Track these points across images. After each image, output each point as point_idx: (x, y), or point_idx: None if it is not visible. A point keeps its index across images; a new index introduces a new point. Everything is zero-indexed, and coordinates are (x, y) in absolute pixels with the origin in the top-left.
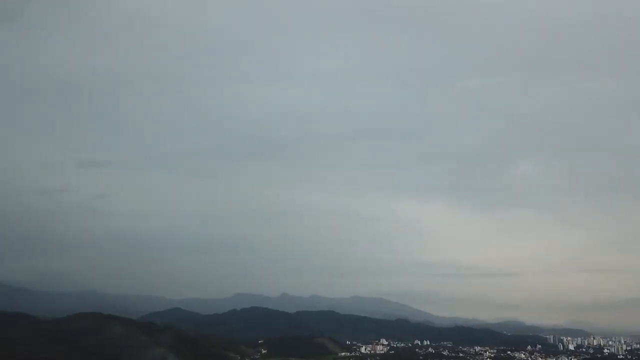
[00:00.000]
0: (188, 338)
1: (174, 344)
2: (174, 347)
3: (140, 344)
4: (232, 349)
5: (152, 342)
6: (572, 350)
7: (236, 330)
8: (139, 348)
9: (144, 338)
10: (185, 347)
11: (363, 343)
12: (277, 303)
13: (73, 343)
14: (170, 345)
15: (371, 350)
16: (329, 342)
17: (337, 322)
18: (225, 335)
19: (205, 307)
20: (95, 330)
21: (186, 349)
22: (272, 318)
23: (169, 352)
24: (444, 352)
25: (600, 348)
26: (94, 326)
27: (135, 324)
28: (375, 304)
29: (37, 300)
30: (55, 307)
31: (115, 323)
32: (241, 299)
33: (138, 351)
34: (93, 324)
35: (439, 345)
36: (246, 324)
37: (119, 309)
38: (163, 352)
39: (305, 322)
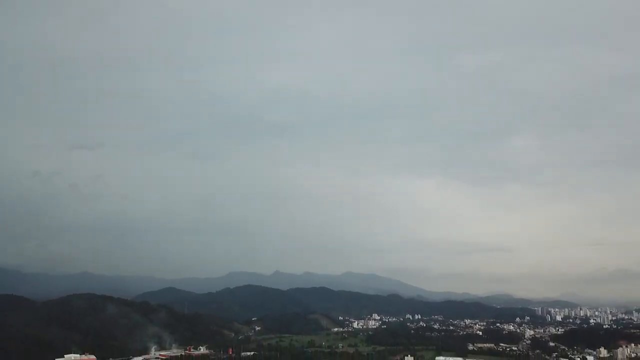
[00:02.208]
0: (183, 317)
1: (169, 323)
2: (168, 325)
3: (135, 323)
4: (226, 326)
5: (147, 321)
6: (559, 321)
7: (230, 309)
8: (134, 327)
9: (139, 317)
10: (180, 325)
11: (356, 318)
12: (271, 281)
13: (68, 324)
14: (165, 324)
15: (364, 325)
16: (322, 318)
17: (330, 298)
18: (219, 314)
19: (199, 287)
20: (90, 310)
21: (181, 328)
22: (265, 295)
23: (163, 331)
24: (435, 326)
25: (586, 318)
26: (88, 307)
27: (129, 303)
28: (368, 280)
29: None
30: (50, 289)
31: (109, 303)
32: (235, 278)
33: (133, 330)
34: (88, 304)
35: (430, 319)
36: (240, 302)
37: (113, 290)
38: (158, 331)
39: (299, 299)
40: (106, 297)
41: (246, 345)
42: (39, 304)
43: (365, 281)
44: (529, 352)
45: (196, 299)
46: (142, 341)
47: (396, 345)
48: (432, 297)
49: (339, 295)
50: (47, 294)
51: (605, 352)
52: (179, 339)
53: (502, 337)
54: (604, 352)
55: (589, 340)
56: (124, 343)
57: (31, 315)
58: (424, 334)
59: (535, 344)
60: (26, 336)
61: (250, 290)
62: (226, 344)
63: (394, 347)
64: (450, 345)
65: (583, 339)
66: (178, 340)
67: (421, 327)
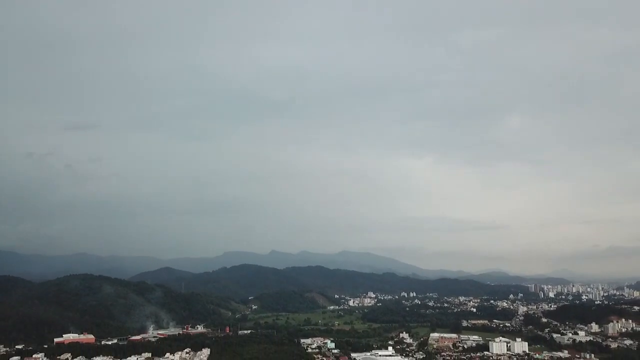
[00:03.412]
0: (179, 296)
1: (166, 302)
2: (165, 305)
3: (132, 303)
4: (223, 305)
5: (144, 301)
6: (552, 297)
7: (227, 288)
8: (131, 307)
9: (136, 297)
10: (177, 305)
11: (351, 296)
12: (267, 260)
13: (65, 304)
14: (162, 303)
15: (359, 303)
16: (318, 297)
17: (326, 277)
18: (216, 293)
19: (195, 266)
20: (87, 291)
21: (178, 307)
22: (262, 275)
23: (160, 310)
24: (430, 303)
25: (579, 295)
26: (85, 287)
27: (126, 284)
28: (364, 259)
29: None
30: (46, 270)
31: (106, 284)
32: (231, 257)
33: (130, 310)
34: (84, 285)
35: (425, 296)
36: (237, 281)
37: (109, 270)
38: (155, 310)
39: (295, 277)
40: (103, 278)
41: (243, 323)
42: (35, 284)
43: (361, 260)
44: (521, 328)
45: (193, 278)
46: (139, 321)
47: (391, 322)
48: (427, 275)
49: (334, 274)
50: (43, 275)
51: (597, 327)
52: (176, 318)
53: (495, 313)
54: (595, 327)
55: (581, 315)
56: (121, 323)
57: (28, 296)
58: (419, 311)
59: (528, 320)
60: (24, 316)
61: (247, 269)
62: (223, 323)
63: (389, 325)
64: (445, 322)
65: (575, 314)
66: (175, 319)
67: (416, 305)
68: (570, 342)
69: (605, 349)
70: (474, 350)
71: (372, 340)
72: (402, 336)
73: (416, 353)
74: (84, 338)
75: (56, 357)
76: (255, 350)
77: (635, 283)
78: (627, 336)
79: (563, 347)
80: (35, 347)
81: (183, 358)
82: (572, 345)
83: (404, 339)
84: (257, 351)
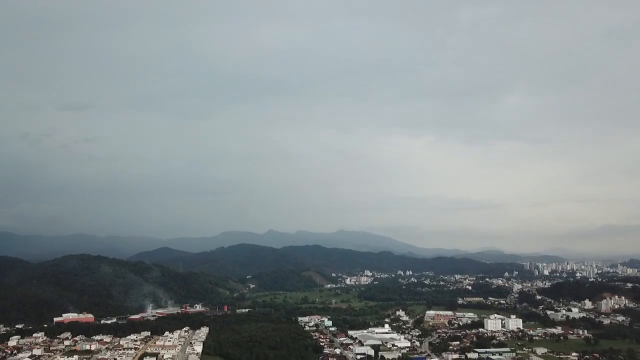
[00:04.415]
0: (178, 275)
1: (164, 282)
2: (164, 284)
3: (131, 282)
4: (221, 284)
5: (143, 281)
6: (546, 275)
7: (225, 267)
8: (130, 286)
9: (134, 277)
10: (175, 284)
11: (348, 275)
12: (264, 239)
13: (64, 283)
14: (160, 282)
15: (356, 281)
16: (315, 275)
17: (323, 255)
18: (214, 272)
19: (193, 246)
20: (85, 270)
21: (176, 286)
22: (259, 254)
23: (159, 290)
24: (426, 281)
25: (573, 272)
26: (83, 267)
27: (124, 263)
28: (360, 238)
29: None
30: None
31: (104, 263)
32: (228, 237)
33: (129, 289)
34: (82, 265)
35: (421, 275)
36: (234, 260)
37: (107, 250)
38: (153, 290)
39: (292, 256)
40: (101, 258)
41: (241, 302)
42: (34, 265)
43: (358, 239)
44: (516, 305)
45: (191, 258)
46: (138, 300)
47: (388, 300)
48: (423, 253)
49: (331, 253)
50: (41, 255)
51: (590, 303)
52: (174, 298)
53: (490, 291)
54: (588, 304)
55: (575, 292)
56: (120, 302)
57: (27, 276)
58: (415, 290)
59: (522, 297)
60: (23, 296)
61: (244, 249)
62: (221, 302)
63: (386, 303)
64: (440, 299)
65: (569, 291)
66: (174, 298)
67: (412, 283)
68: (563, 318)
69: (597, 325)
70: (469, 327)
71: (369, 318)
72: (399, 314)
73: (412, 330)
74: (83, 317)
75: (56, 336)
76: (254, 329)
77: (629, 260)
78: (620, 312)
79: (557, 323)
80: (35, 327)
81: (182, 336)
82: (566, 321)
83: (400, 317)
84: (255, 329)
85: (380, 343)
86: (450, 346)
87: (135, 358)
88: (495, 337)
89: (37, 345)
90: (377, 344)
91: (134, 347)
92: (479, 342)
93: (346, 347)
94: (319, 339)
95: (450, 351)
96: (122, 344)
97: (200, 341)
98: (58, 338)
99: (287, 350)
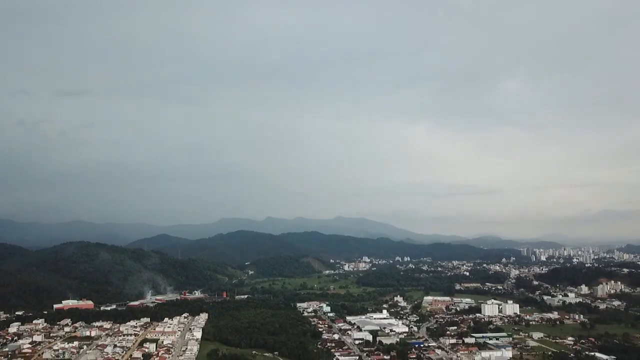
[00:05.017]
0: (176, 262)
1: (163, 268)
2: (162, 271)
3: (130, 269)
4: (220, 271)
5: (142, 267)
6: (543, 260)
7: (223, 254)
8: (129, 273)
9: (133, 264)
10: (174, 271)
11: (346, 261)
12: (263, 226)
13: (63, 270)
14: (159, 269)
15: (354, 267)
16: (313, 262)
17: (321, 242)
18: (212, 259)
19: (191, 233)
20: (84, 257)
21: (175, 273)
22: (258, 241)
23: (157, 276)
24: (424, 267)
25: (570, 258)
26: (82, 254)
27: (122, 250)
28: (359, 224)
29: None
30: (42, 238)
31: (103, 250)
32: (227, 224)
33: (128, 276)
34: (81, 252)
35: (419, 261)
36: (233, 247)
37: (106, 237)
38: (152, 276)
39: (291, 243)
40: (99, 245)
41: (240, 288)
42: (32, 252)
43: (356, 225)
44: (513, 291)
45: (189, 245)
46: (137, 287)
47: (386, 286)
48: (421, 239)
49: (330, 239)
50: (39, 242)
51: (586, 289)
52: (173, 284)
53: (488, 277)
54: (585, 289)
55: (572, 278)
56: (119, 289)
57: (26, 263)
58: (413, 276)
59: (519, 282)
60: (22, 283)
61: (243, 235)
62: (220, 288)
63: (384, 289)
64: (438, 285)
65: (566, 277)
66: (173, 285)
67: (410, 269)
68: (560, 303)
69: (593, 310)
70: (466, 313)
71: (367, 304)
72: (397, 300)
73: (410, 316)
74: (83, 304)
75: (56, 323)
76: (252, 315)
77: (626, 246)
78: (616, 297)
79: (553, 308)
80: (35, 313)
81: (181, 323)
82: (562, 306)
83: (398, 303)
84: (254, 315)
85: (379, 328)
86: (448, 331)
87: (135, 344)
88: (492, 322)
89: (38, 331)
90: (375, 329)
91: (134, 333)
92: (476, 327)
93: (344, 332)
94: (317, 325)
95: (448, 336)
96: (122, 330)
97: (200, 327)
98: (58, 324)
99: (286, 335)
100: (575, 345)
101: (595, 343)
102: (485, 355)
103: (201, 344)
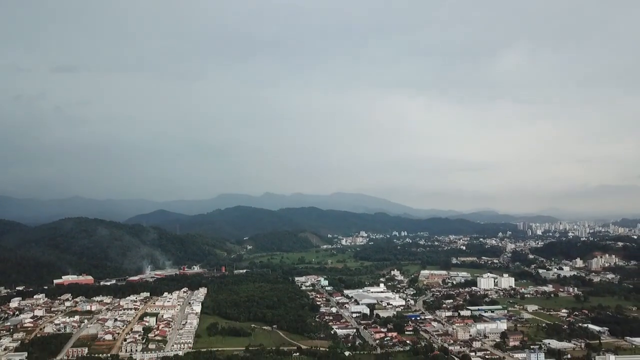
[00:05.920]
0: (175, 237)
1: (162, 243)
2: (161, 246)
3: (129, 244)
4: (218, 246)
5: (140, 243)
6: (539, 235)
7: (222, 229)
8: (128, 249)
9: (132, 239)
10: (172, 246)
11: (344, 236)
12: (261, 202)
13: (62, 246)
14: (158, 244)
15: (352, 242)
16: (311, 237)
17: (319, 217)
18: (211, 234)
19: (189, 208)
20: (83, 233)
21: (174, 248)
22: (256, 216)
23: (156, 251)
24: (420, 242)
25: (565, 232)
26: (81, 230)
27: (121, 226)
28: (356, 199)
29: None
30: (41, 214)
31: (101, 226)
32: (225, 199)
33: (127, 251)
34: (80, 227)
35: (416, 235)
36: (231, 222)
37: (104, 213)
38: (151, 252)
39: (289, 218)
40: (98, 220)
41: (239, 263)
42: (31, 228)
43: (354, 200)
44: (509, 265)
45: (187, 220)
46: (136, 262)
47: (383, 260)
48: (418, 214)
49: (327, 215)
50: (38, 218)
51: (581, 262)
52: (172, 259)
53: (484, 251)
54: (579, 262)
55: (567, 252)
56: (118, 264)
57: (25, 239)
58: (410, 250)
59: (515, 256)
60: (22, 259)
61: (241, 211)
62: (219, 263)
63: (381, 263)
64: (435, 259)
65: (561, 251)
66: (171, 260)
67: (407, 243)
68: (555, 277)
69: (587, 283)
70: (462, 286)
71: (364, 278)
72: (394, 273)
73: (407, 289)
74: (83, 279)
75: (57, 298)
76: (251, 289)
77: (621, 220)
78: (610, 270)
79: (548, 281)
80: (36, 289)
81: (181, 297)
82: (557, 280)
83: (395, 276)
84: (252, 289)
85: (376, 302)
86: (444, 304)
87: (136, 318)
88: (488, 295)
89: (39, 306)
90: (373, 302)
91: (134, 308)
92: (472, 300)
93: (342, 306)
94: (315, 298)
95: (444, 309)
96: (122, 305)
97: (199, 301)
98: (59, 299)
99: (284, 309)
100: (569, 317)
101: (588, 315)
102: (480, 327)
103: (201, 318)
